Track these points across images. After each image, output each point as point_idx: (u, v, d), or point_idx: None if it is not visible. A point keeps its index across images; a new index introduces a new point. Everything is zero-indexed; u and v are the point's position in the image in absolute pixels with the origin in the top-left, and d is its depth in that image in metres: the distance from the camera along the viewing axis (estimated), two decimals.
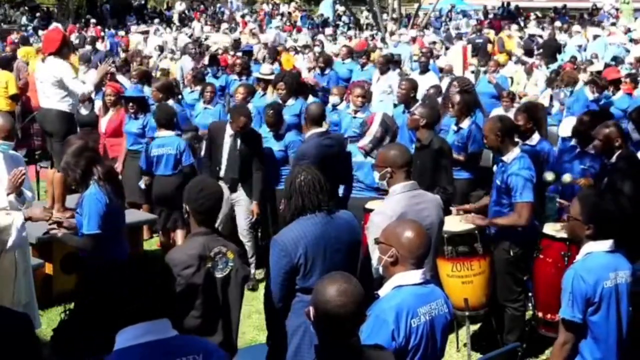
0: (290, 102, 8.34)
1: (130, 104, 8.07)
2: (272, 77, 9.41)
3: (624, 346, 3.66)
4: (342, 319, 2.68)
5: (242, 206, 6.73)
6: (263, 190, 6.74)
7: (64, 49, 6.84)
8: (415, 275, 3.13)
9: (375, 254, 3.26)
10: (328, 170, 4.36)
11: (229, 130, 6.62)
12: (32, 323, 2.77)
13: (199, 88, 9.88)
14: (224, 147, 6.64)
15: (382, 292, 3.15)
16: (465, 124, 6.99)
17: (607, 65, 12.50)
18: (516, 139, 5.46)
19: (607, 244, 3.65)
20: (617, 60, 14.25)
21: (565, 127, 7.09)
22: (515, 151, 5.17)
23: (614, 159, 5.44)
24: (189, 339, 2.57)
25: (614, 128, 5.51)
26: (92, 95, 8.41)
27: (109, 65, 8.26)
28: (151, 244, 7.99)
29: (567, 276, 3.62)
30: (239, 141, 6.60)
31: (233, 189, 6.67)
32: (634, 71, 12.42)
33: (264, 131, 7.15)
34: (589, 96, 9.44)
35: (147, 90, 9.51)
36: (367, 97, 8.36)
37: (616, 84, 9.79)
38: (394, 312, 3.00)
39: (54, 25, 20.02)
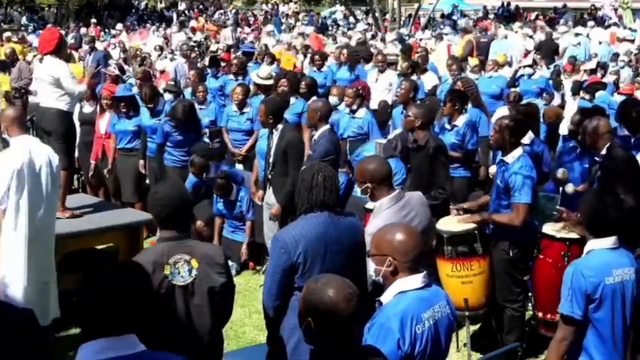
0: (292, 100, 8.19)
1: (122, 103, 8.08)
2: (270, 81, 8.71)
3: (630, 343, 3.64)
4: (347, 325, 2.65)
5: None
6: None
7: (61, 49, 6.81)
8: (417, 280, 3.08)
9: (371, 266, 3.19)
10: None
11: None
12: (35, 318, 2.73)
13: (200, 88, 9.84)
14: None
15: (384, 299, 3.09)
16: (460, 121, 6.94)
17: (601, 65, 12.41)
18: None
19: (609, 241, 3.62)
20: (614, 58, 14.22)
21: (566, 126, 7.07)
22: (518, 151, 5.15)
23: (603, 151, 5.42)
24: (157, 355, 2.43)
25: (599, 121, 5.50)
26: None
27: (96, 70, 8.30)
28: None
29: (568, 272, 3.61)
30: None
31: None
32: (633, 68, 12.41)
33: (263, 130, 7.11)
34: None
35: None
36: (359, 97, 8.25)
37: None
38: (399, 319, 2.95)
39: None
